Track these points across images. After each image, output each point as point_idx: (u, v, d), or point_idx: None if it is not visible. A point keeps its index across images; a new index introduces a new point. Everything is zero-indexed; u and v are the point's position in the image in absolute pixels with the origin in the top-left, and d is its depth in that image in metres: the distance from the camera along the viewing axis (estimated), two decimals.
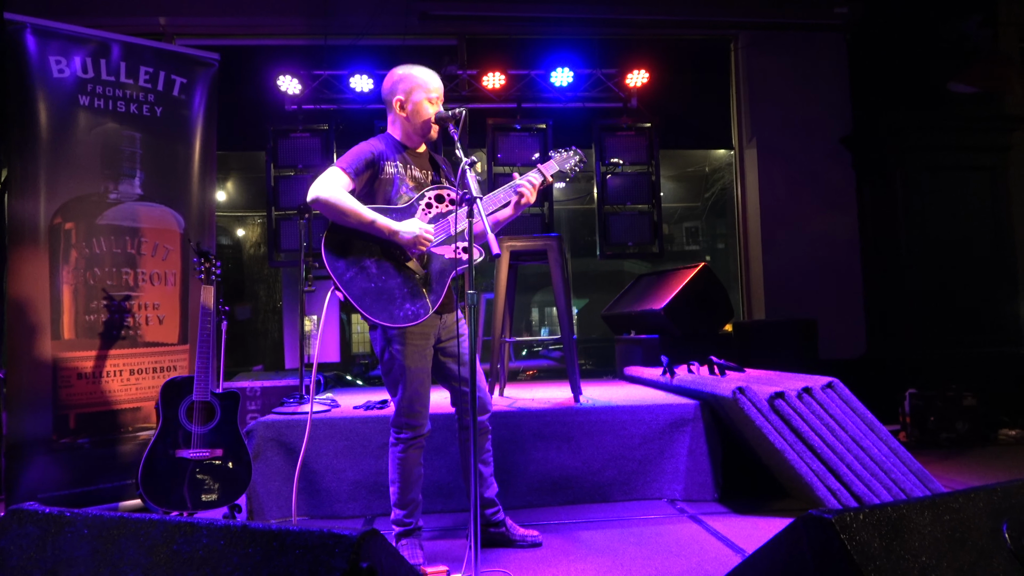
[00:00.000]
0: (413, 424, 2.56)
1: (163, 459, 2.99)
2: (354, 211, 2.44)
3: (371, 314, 2.40)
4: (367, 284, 2.43)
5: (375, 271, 2.46)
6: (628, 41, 6.58)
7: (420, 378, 2.55)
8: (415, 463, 2.59)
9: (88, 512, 1.42)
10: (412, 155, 2.66)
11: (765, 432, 3.07)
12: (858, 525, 1.14)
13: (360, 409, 3.71)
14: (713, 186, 9.23)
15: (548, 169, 2.76)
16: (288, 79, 5.66)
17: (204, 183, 4.10)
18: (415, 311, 2.42)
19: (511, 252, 4.01)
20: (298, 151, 5.70)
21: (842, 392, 3.36)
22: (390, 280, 2.45)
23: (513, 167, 5.86)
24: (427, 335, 2.57)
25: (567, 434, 3.52)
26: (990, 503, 1.29)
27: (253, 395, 4.77)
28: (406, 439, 2.57)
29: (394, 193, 2.56)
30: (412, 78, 2.62)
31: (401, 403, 2.56)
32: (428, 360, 2.60)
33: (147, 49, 3.94)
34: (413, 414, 2.55)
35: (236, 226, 9.20)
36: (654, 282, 5.46)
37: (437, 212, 2.57)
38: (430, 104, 2.60)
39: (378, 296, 2.42)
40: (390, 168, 2.58)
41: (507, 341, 4.23)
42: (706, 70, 6.71)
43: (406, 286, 2.45)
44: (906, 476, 3.07)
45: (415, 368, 2.54)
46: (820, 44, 6.46)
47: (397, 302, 2.42)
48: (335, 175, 2.48)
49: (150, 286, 3.84)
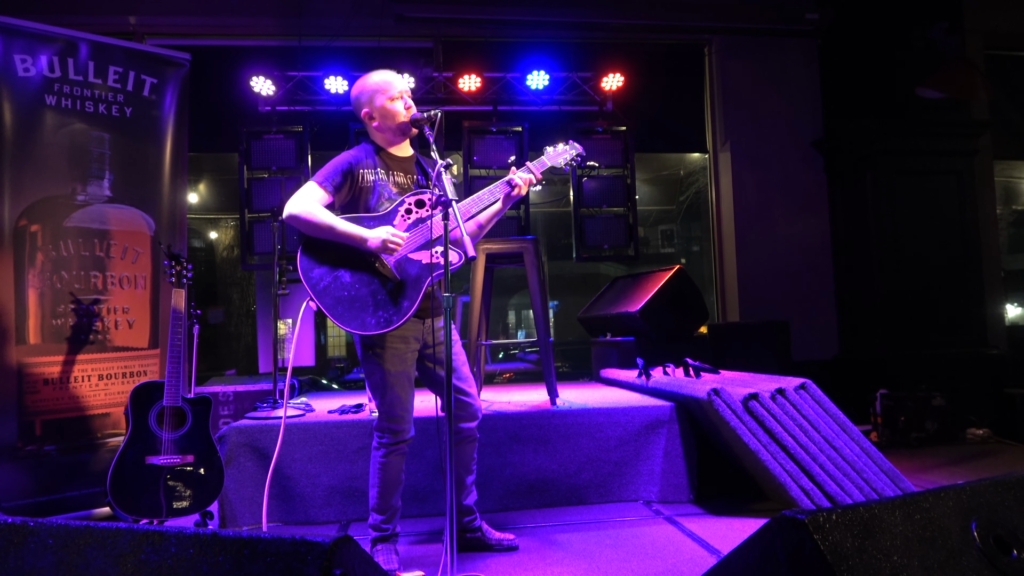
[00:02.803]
0: (395, 429, 2.54)
1: (133, 466, 2.93)
2: (327, 224, 2.43)
3: (343, 323, 2.39)
4: (340, 293, 2.42)
5: (349, 280, 2.44)
6: (603, 45, 6.62)
7: (401, 382, 2.54)
8: (396, 469, 2.57)
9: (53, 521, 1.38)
10: (394, 160, 2.64)
11: (739, 433, 3.09)
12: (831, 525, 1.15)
13: (335, 413, 3.68)
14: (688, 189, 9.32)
15: (539, 167, 2.74)
16: (261, 80, 5.60)
17: (175, 185, 4.04)
18: (387, 317, 2.40)
19: (487, 255, 4.01)
20: (271, 153, 5.64)
21: (815, 393, 3.40)
22: (363, 288, 2.43)
23: (489, 169, 5.86)
24: (408, 339, 2.55)
25: (544, 437, 3.52)
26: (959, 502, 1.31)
27: (226, 400, 4.70)
28: (388, 444, 2.55)
29: (374, 200, 2.55)
30: (370, 86, 2.61)
31: (383, 408, 2.54)
32: (410, 365, 2.58)
33: (116, 48, 3.87)
34: (395, 419, 2.54)
35: (208, 229, 9.08)
36: (630, 285, 5.49)
37: (416, 217, 2.55)
38: (394, 102, 2.58)
39: (351, 304, 2.41)
40: (369, 176, 2.56)
41: (483, 344, 4.22)
42: (681, 74, 6.77)
43: (380, 293, 2.44)
44: (878, 476, 3.11)
45: (396, 372, 2.52)
46: (792, 49, 6.55)
47: (370, 309, 2.41)
48: (310, 190, 2.48)
49: (119, 289, 3.77)
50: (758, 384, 3.45)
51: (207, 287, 8.63)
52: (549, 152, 2.80)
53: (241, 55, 6.13)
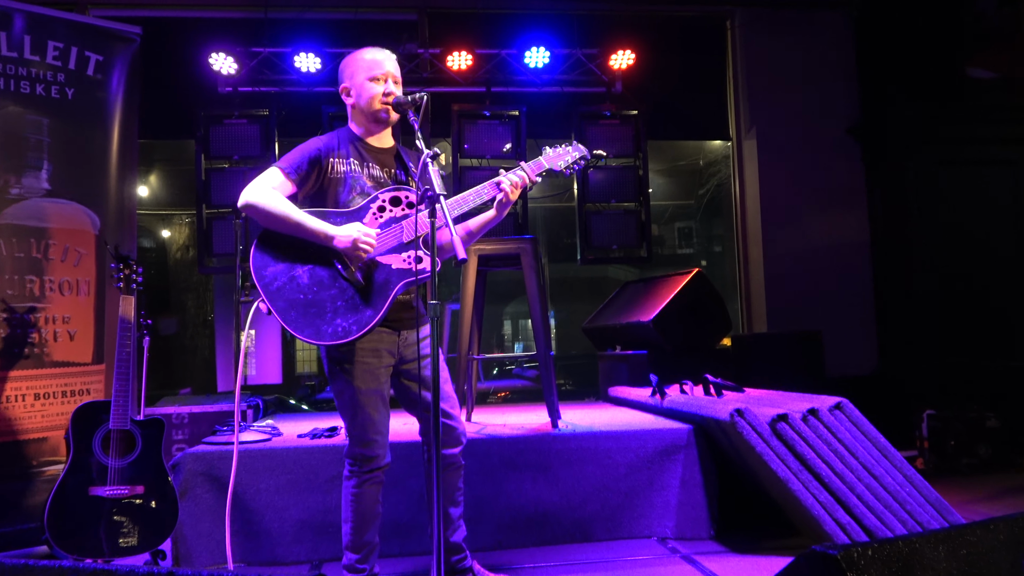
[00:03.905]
0: (368, 455, 2.55)
1: (74, 498, 2.93)
2: (287, 217, 2.44)
3: (296, 330, 2.39)
4: (295, 296, 2.42)
5: (307, 281, 2.45)
6: (612, 18, 6.65)
7: (374, 401, 2.54)
8: (372, 500, 2.58)
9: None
10: (371, 150, 2.65)
11: (766, 459, 3.11)
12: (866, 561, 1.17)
13: (306, 438, 3.68)
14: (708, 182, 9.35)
15: (535, 169, 2.72)
16: (222, 57, 5.61)
17: (124, 176, 4.06)
18: (346, 327, 2.40)
19: (479, 257, 4.02)
20: (233, 140, 5.66)
21: (851, 413, 3.42)
22: (323, 292, 2.44)
23: (482, 159, 5.88)
24: (379, 352, 2.56)
25: (544, 463, 3.53)
26: (1011, 535, 1.33)
27: (180, 422, 4.70)
28: (361, 472, 2.55)
29: (345, 194, 2.56)
30: (354, 59, 2.63)
31: (353, 431, 2.54)
32: (383, 381, 2.58)
33: (56, 21, 3.89)
34: (367, 443, 2.54)
35: (160, 226, 9.09)
36: (642, 290, 5.51)
37: (390, 216, 2.55)
38: (375, 83, 2.58)
39: (306, 309, 2.41)
40: (340, 166, 2.57)
41: (475, 358, 4.23)
42: (700, 52, 6.80)
43: (340, 299, 2.44)
44: (923, 507, 3.14)
45: (367, 390, 2.52)
46: (825, 24, 6.59)
47: (327, 316, 2.41)
48: (270, 176, 2.50)
49: (59, 296, 3.77)
50: (787, 403, 3.47)
51: (158, 293, 8.63)
52: (548, 153, 2.79)
53: (199, 28, 6.15)
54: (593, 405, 5.19)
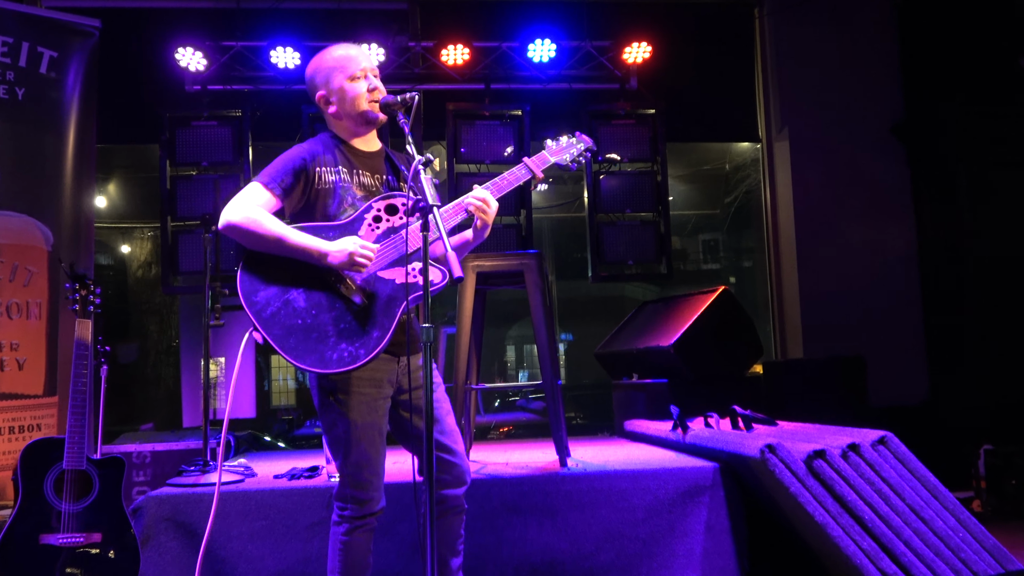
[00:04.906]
0: (361, 497, 2.54)
1: (23, 547, 2.94)
2: (275, 235, 2.45)
3: (297, 358, 2.39)
4: (292, 321, 2.43)
5: (303, 305, 2.46)
6: (626, 6, 6.70)
7: (371, 437, 2.54)
8: (363, 549, 2.57)
9: None
10: (359, 157, 2.67)
11: (802, 501, 3.11)
12: None
13: (283, 478, 3.69)
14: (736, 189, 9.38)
15: (539, 164, 2.75)
16: (190, 52, 5.66)
17: (80, 185, 4.09)
18: (353, 352, 2.41)
19: (478, 274, 4.04)
20: (202, 144, 5.69)
21: (897, 449, 3.42)
22: (322, 315, 2.45)
23: (481, 164, 5.91)
24: (379, 382, 2.56)
25: (551, 507, 3.52)
26: None
27: (141, 462, 4.71)
28: (352, 517, 2.54)
29: (335, 206, 2.57)
30: (326, 62, 2.65)
31: (346, 470, 2.54)
32: (381, 414, 2.58)
33: (5, 13, 3.94)
34: (361, 484, 2.54)
35: (120, 240, 9.12)
36: (661, 311, 5.53)
37: (388, 227, 2.57)
38: (356, 82, 2.61)
39: (306, 335, 2.42)
40: (329, 175, 2.59)
41: (473, 389, 4.24)
42: (724, 43, 6.84)
43: (343, 321, 2.45)
44: (979, 555, 3.13)
45: (364, 424, 2.52)
46: (864, 12, 6.63)
47: (330, 341, 2.42)
48: (252, 193, 2.51)
49: (7, 320, 3.80)
50: (826, 438, 3.47)
51: (117, 316, 8.64)
52: (551, 146, 2.82)
53: (164, 20, 6.20)
54: (607, 441, 5.19)
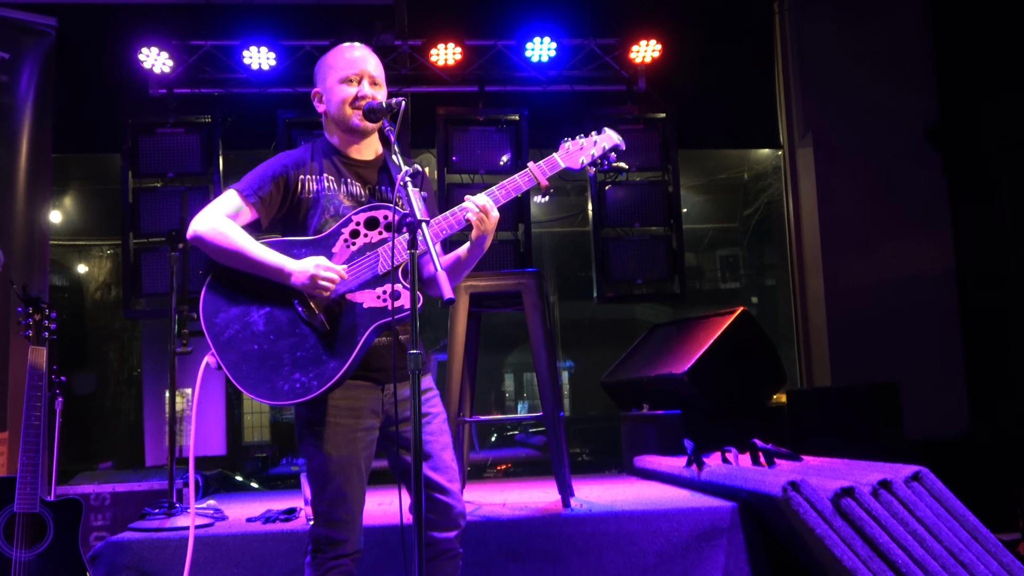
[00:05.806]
0: (336, 538, 2.55)
1: None
2: (238, 250, 2.47)
3: (248, 388, 2.42)
4: (249, 347, 2.45)
5: (262, 329, 2.48)
6: (633, 0, 6.73)
7: (347, 472, 2.54)
8: None
9: None
10: (351, 165, 2.69)
11: (828, 544, 3.13)
12: None
13: (257, 522, 3.70)
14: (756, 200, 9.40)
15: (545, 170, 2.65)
16: (154, 52, 5.68)
17: (34, 200, 4.12)
18: (306, 384, 2.42)
19: (471, 295, 4.06)
20: (168, 153, 5.71)
21: (933, 486, 3.44)
22: (280, 341, 2.47)
23: (474, 174, 5.92)
24: (358, 412, 2.57)
25: (553, 552, 3.53)
26: None
27: (100, 504, 4.71)
28: (325, 559, 2.55)
29: (317, 218, 2.60)
30: (327, 59, 2.71)
31: (320, 507, 2.55)
32: (361, 448, 2.59)
33: None
34: (335, 522, 2.55)
35: (76, 259, 9.11)
36: (674, 335, 5.54)
37: (364, 242, 2.58)
38: (347, 86, 2.63)
39: (261, 363, 2.44)
40: (312, 184, 2.62)
41: (467, 421, 4.25)
42: (741, 41, 6.87)
43: (300, 348, 2.46)
44: None
45: (339, 457, 2.53)
46: (894, 6, 6.68)
47: (284, 371, 2.44)
48: (225, 200, 2.54)
49: None
50: (854, 474, 3.49)
51: (73, 342, 8.61)
52: (567, 147, 2.68)
53: (127, 18, 6.21)
54: (614, 479, 5.20)
